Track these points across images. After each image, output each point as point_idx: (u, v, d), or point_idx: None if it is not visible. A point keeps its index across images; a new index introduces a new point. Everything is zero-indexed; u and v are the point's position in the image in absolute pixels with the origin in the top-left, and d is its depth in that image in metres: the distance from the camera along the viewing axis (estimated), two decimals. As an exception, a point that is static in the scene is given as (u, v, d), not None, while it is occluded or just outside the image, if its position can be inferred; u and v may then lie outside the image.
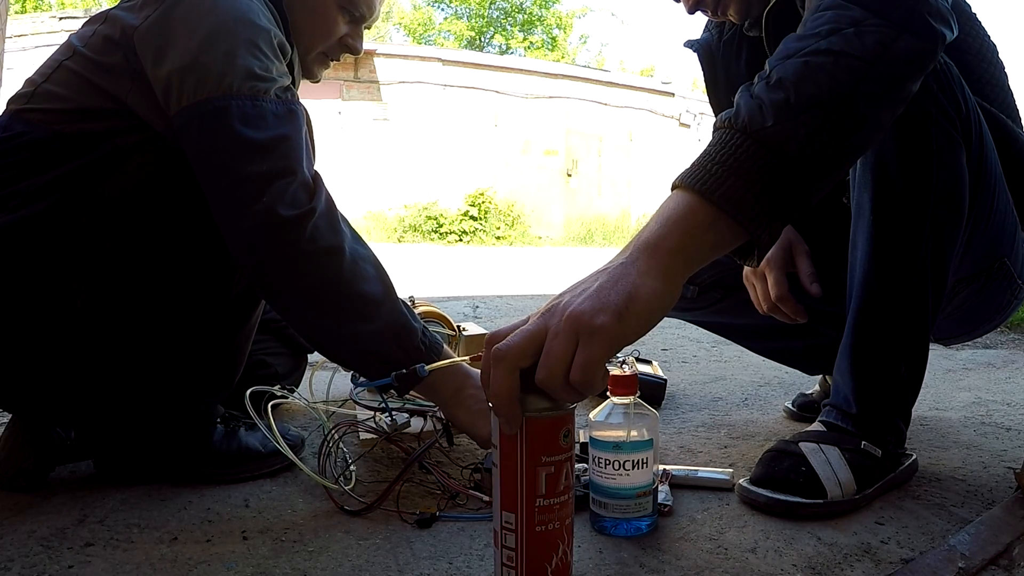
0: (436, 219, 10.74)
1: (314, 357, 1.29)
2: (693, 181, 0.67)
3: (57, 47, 0.98)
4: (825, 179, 0.70)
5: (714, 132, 0.72)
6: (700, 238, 0.65)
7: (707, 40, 1.27)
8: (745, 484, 0.93)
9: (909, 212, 0.92)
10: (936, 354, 2.06)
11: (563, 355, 0.59)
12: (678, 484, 0.98)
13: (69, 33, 0.99)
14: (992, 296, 1.09)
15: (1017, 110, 1.10)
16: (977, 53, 1.06)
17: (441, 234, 10.61)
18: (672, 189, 0.69)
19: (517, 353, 0.60)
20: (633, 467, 0.81)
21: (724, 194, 0.65)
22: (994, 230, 1.02)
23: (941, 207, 0.92)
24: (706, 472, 1.00)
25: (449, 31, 21.33)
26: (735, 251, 0.69)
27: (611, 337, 0.59)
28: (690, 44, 1.29)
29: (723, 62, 1.24)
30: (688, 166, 0.70)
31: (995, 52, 1.09)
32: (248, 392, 0.94)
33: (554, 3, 21.49)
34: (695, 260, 0.66)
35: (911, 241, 0.92)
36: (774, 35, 1.06)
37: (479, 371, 0.73)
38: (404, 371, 0.90)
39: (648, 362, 1.61)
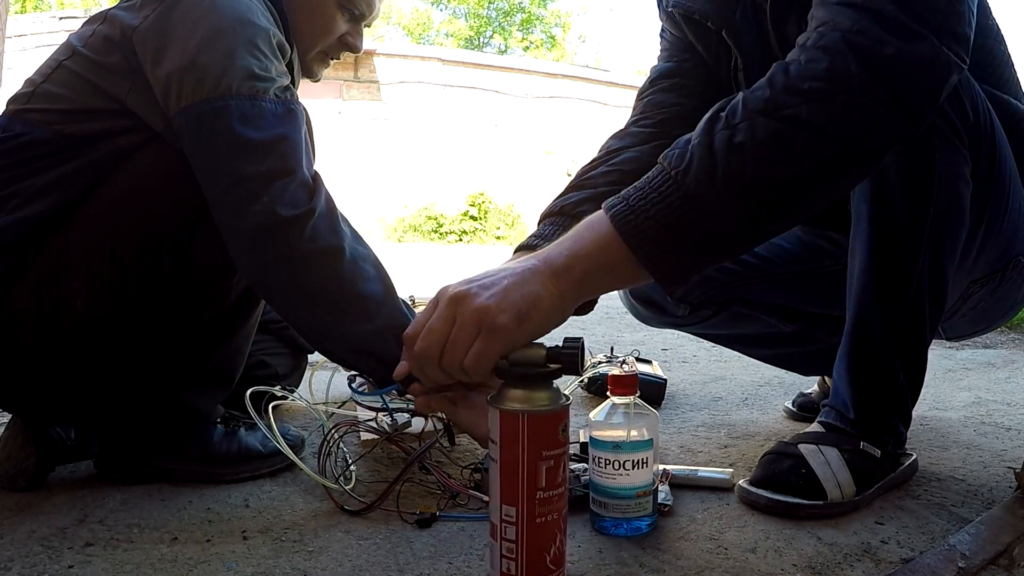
0: (436, 219, 10.73)
1: (314, 357, 1.29)
2: (625, 227, 0.68)
3: (57, 47, 0.98)
4: (748, 250, 0.79)
5: (659, 174, 0.70)
6: (609, 276, 0.71)
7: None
8: (745, 485, 0.93)
9: (907, 225, 0.90)
10: (936, 354, 2.06)
11: (464, 345, 0.69)
12: (678, 484, 0.98)
13: (69, 33, 0.99)
14: (1007, 294, 1.08)
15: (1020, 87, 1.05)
16: (996, 36, 1.01)
17: (441, 234, 10.59)
18: (604, 210, 0.71)
19: (434, 352, 0.71)
20: (633, 467, 0.81)
21: (650, 256, 0.68)
22: (1009, 230, 1.00)
23: (941, 221, 0.90)
24: (706, 472, 1.00)
25: (448, 31, 21.34)
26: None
27: (508, 336, 0.68)
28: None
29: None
30: (624, 198, 0.70)
31: (999, 31, 1.03)
32: (248, 392, 0.94)
33: (552, 0, 21.48)
34: (594, 292, 0.73)
35: (908, 254, 0.90)
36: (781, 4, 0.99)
37: None
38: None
39: (648, 362, 1.61)
